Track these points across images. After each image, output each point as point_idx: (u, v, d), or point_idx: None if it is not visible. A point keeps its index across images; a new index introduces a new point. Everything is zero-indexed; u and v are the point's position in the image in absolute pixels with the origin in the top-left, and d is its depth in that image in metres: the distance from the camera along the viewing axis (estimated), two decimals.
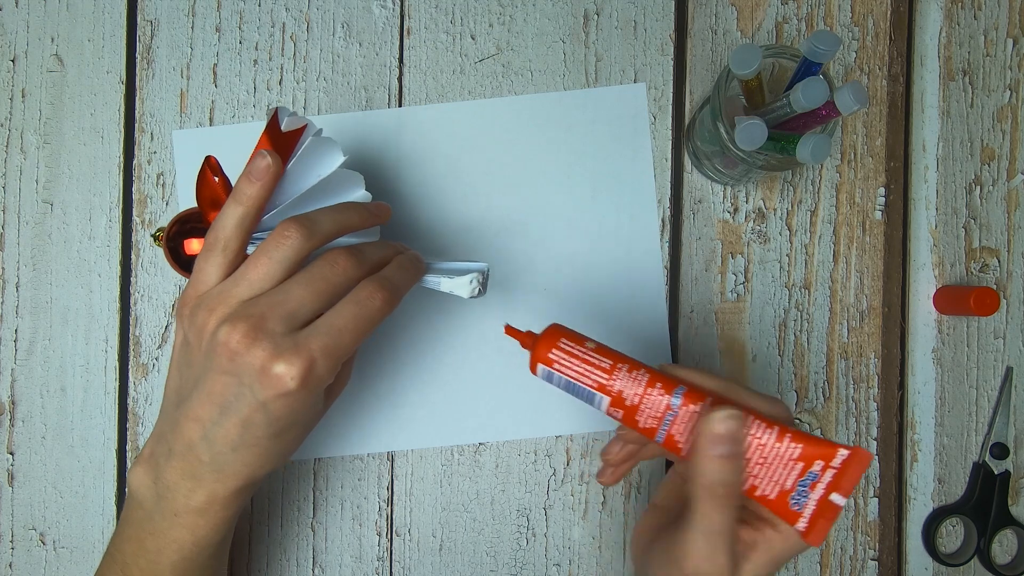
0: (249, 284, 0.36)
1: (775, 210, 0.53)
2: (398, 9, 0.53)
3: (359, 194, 0.43)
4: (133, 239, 0.53)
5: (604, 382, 0.37)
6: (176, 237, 0.42)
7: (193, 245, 0.41)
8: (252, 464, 0.37)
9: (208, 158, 0.39)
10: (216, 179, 0.39)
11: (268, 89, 0.53)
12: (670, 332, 0.53)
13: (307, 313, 0.35)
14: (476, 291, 0.42)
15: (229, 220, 0.37)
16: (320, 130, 0.42)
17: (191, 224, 0.42)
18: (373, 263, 0.38)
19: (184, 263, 0.42)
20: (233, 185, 0.39)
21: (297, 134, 0.40)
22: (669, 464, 0.53)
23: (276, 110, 0.40)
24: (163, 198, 0.52)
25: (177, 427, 0.37)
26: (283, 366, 0.34)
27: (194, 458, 0.37)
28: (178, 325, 0.38)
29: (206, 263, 0.37)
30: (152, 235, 0.45)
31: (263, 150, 0.37)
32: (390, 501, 0.53)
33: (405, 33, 0.53)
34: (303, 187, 0.40)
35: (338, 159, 0.41)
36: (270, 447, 0.37)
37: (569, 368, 0.38)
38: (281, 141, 0.39)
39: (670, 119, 0.53)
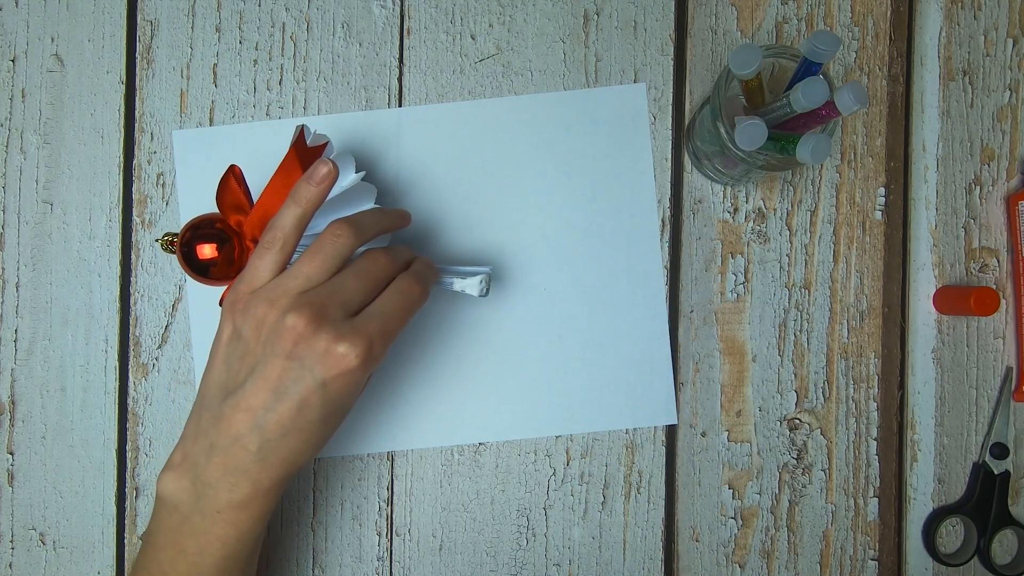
0: (307, 278, 0.39)
1: (775, 210, 0.53)
2: (398, 9, 0.53)
3: (369, 205, 0.46)
4: (133, 239, 0.53)
5: None
6: (189, 243, 0.44)
7: (205, 250, 0.43)
8: (297, 450, 0.39)
9: (232, 167, 0.44)
10: (239, 187, 0.43)
11: (268, 89, 0.53)
12: (670, 332, 0.53)
13: (359, 302, 0.39)
14: (484, 291, 0.46)
15: (288, 220, 0.40)
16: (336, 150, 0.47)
17: (202, 230, 0.44)
18: (404, 262, 0.43)
19: (197, 268, 0.44)
20: (251, 193, 0.43)
21: (320, 150, 0.44)
22: (669, 464, 0.53)
23: (302, 128, 0.44)
24: (163, 198, 0.52)
25: (223, 420, 0.38)
26: (346, 346, 0.37)
27: (240, 449, 0.38)
28: (226, 320, 0.40)
29: (261, 260, 0.40)
30: (159, 241, 0.46)
31: (324, 158, 0.41)
32: (390, 501, 0.53)
33: (405, 33, 0.53)
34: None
35: (352, 172, 0.45)
36: (317, 431, 0.39)
37: None
38: (306, 155, 0.43)
39: (670, 119, 0.53)
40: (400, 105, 0.53)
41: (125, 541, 0.52)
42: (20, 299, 0.52)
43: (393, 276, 0.41)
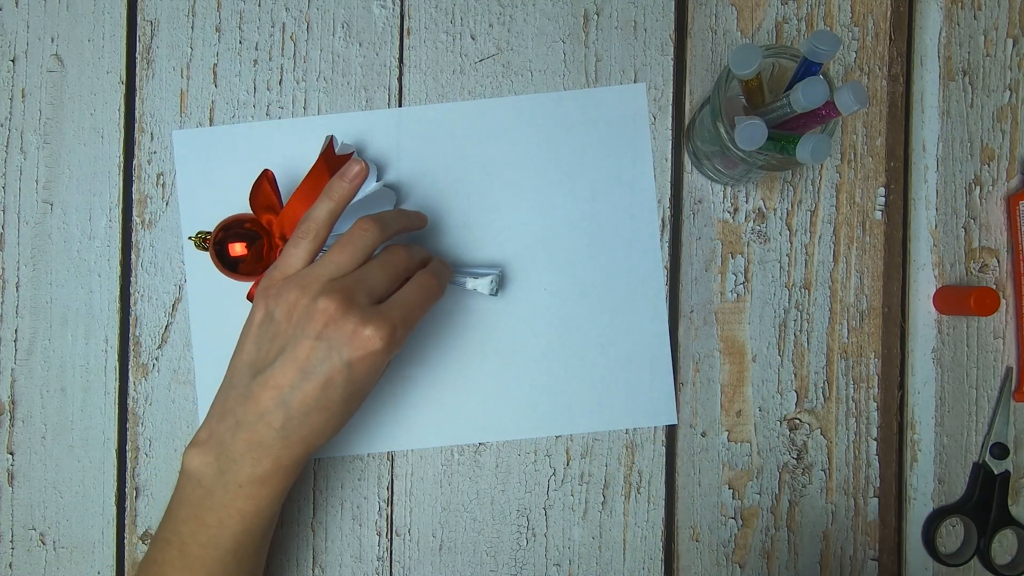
0: (336, 267, 0.42)
1: (775, 210, 0.53)
2: (398, 9, 0.53)
3: (389, 208, 0.50)
4: (133, 239, 0.53)
5: None
6: (221, 242, 0.47)
7: (236, 248, 0.47)
8: (318, 430, 0.42)
9: (266, 171, 0.48)
10: (271, 189, 0.47)
11: (268, 89, 0.53)
12: (670, 332, 0.53)
13: (383, 291, 0.42)
14: (495, 290, 0.50)
15: (322, 212, 0.44)
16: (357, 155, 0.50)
17: (232, 230, 0.47)
18: (421, 259, 0.46)
19: (228, 264, 0.47)
20: (281, 195, 0.48)
21: (346, 158, 0.48)
22: (669, 464, 0.53)
23: (331, 138, 0.48)
24: (163, 198, 0.52)
25: (251, 397, 0.41)
26: (371, 329, 0.40)
27: (264, 426, 0.41)
28: (259, 303, 0.43)
29: (296, 248, 0.43)
30: (192, 239, 0.49)
31: (356, 157, 0.46)
32: (390, 501, 0.53)
33: (405, 33, 0.53)
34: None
35: (375, 180, 0.50)
36: (338, 412, 0.42)
37: None
38: (334, 163, 0.47)
39: (670, 119, 0.53)
40: (400, 105, 0.53)
41: (125, 541, 0.52)
42: (20, 299, 0.52)
43: (413, 270, 0.45)
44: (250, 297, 0.48)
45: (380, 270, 0.42)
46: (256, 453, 0.41)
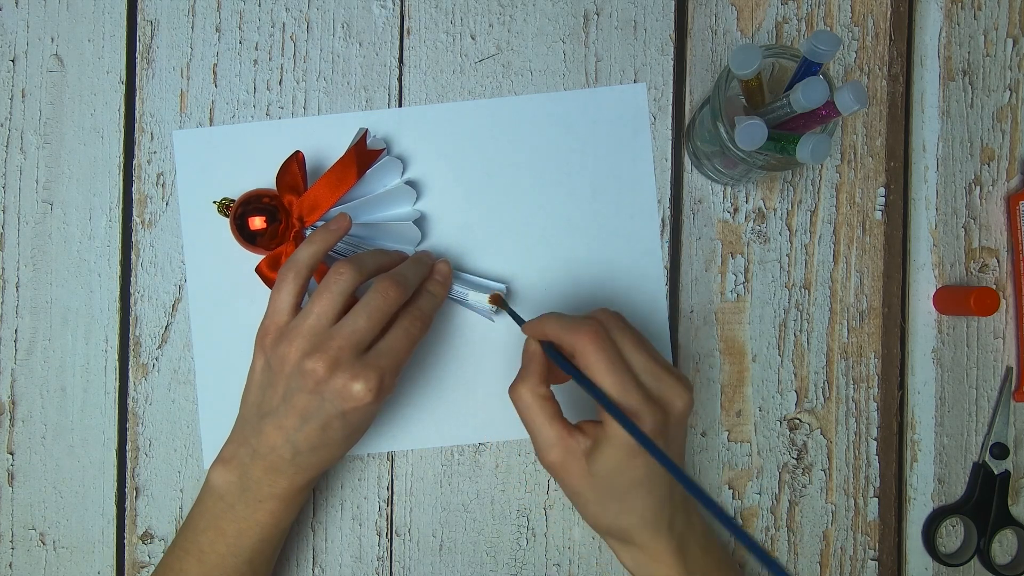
0: (317, 316, 0.43)
1: (775, 210, 0.53)
2: (398, 9, 0.53)
3: (408, 206, 0.52)
4: (133, 239, 0.53)
5: None
6: (243, 216, 0.49)
7: (256, 222, 0.48)
8: (325, 459, 0.45)
9: (297, 153, 0.49)
10: (299, 171, 0.49)
11: (268, 89, 0.53)
12: (670, 332, 0.53)
13: (370, 338, 0.43)
14: (496, 308, 0.50)
15: (304, 255, 0.45)
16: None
17: (252, 205, 0.49)
18: (413, 286, 0.46)
19: (247, 236, 0.49)
20: (307, 179, 0.49)
21: (377, 153, 0.50)
22: None
23: (365, 131, 0.50)
24: (163, 198, 0.52)
25: (262, 434, 0.44)
26: (360, 384, 0.42)
27: (277, 457, 0.44)
28: (258, 352, 0.45)
29: (281, 292, 0.45)
30: (216, 203, 0.50)
31: (346, 214, 0.48)
32: (390, 501, 0.53)
33: (405, 33, 0.53)
34: (371, 192, 0.51)
35: (398, 177, 0.52)
36: (341, 445, 0.45)
37: None
38: (364, 156, 0.49)
39: (670, 119, 0.53)
40: (400, 105, 0.53)
41: (125, 541, 0.52)
42: (20, 299, 0.52)
43: (401, 303, 0.45)
44: (258, 271, 0.49)
45: (366, 319, 0.43)
46: (272, 477, 0.44)
